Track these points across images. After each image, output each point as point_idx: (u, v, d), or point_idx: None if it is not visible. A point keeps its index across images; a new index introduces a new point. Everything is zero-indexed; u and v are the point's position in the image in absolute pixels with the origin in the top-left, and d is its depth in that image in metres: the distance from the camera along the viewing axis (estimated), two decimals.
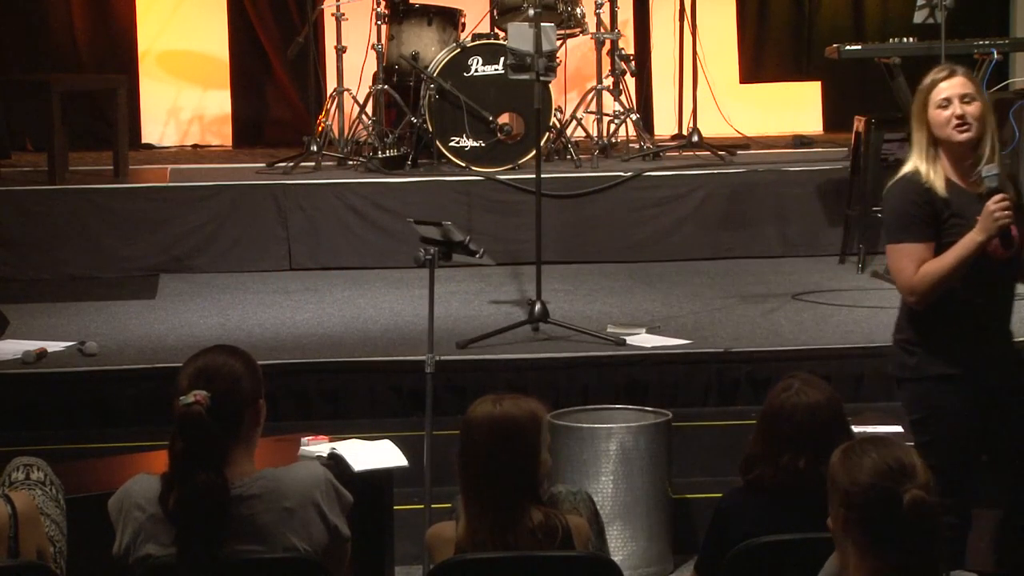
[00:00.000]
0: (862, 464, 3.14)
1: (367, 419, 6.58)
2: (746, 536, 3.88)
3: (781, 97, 11.62)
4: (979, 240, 4.67)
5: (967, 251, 4.68)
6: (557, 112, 9.66)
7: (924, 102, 4.79)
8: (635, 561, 6.04)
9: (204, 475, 3.54)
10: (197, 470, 3.55)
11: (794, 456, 4.08)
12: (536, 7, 7.31)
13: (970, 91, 4.76)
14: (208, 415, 3.56)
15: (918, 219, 4.76)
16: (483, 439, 3.90)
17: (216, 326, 7.52)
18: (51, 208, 8.83)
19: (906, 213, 4.78)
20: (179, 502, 3.55)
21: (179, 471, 3.58)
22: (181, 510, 3.55)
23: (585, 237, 9.06)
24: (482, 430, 3.91)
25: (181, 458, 3.57)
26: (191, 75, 11.29)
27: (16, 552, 3.77)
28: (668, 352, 6.87)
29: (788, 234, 9.17)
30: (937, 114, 4.76)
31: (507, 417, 3.92)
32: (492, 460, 3.88)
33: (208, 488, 3.54)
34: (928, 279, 4.73)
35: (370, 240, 8.96)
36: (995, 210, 4.65)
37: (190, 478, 3.55)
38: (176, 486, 3.57)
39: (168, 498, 3.58)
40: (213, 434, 3.56)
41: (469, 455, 3.92)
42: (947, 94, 4.75)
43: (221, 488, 3.56)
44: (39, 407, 6.59)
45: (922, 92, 4.81)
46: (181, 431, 3.57)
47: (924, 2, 8.12)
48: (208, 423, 3.56)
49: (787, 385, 4.18)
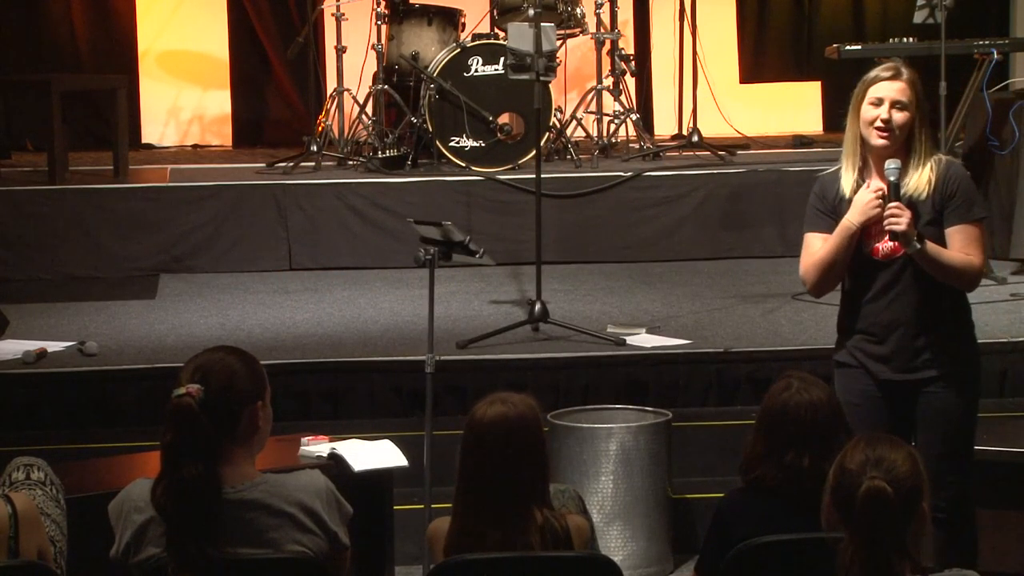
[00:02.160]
0: (854, 456, 3.29)
1: (367, 419, 6.59)
2: (748, 537, 3.87)
3: (781, 97, 11.63)
4: (850, 224, 4.72)
5: (840, 236, 4.75)
6: (557, 112, 9.66)
7: (861, 95, 4.76)
8: (635, 561, 6.04)
9: (191, 467, 3.53)
10: (184, 462, 3.54)
11: (797, 455, 4.08)
12: (536, 7, 7.31)
13: (906, 99, 4.71)
14: (199, 408, 3.55)
15: (818, 211, 4.88)
16: (497, 440, 3.87)
17: (216, 326, 7.52)
18: (51, 208, 8.83)
19: (810, 205, 4.93)
20: (166, 493, 3.54)
21: (167, 463, 3.57)
22: (169, 502, 3.54)
23: (585, 237, 9.06)
24: (497, 431, 3.88)
25: (169, 450, 3.57)
26: (191, 75, 11.30)
27: (17, 552, 3.77)
28: (668, 352, 6.87)
29: (788, 234, 9.14)
30: (866, 110, 4.74)
31: (521, 418, 3.91)
32: (506, 462, 3.86)
33: (195, 480, 3.52)
34: (811, 265, 4.85)
35: (370, 240, 8.96)
36: (869, 198, 4.68)
37: (177, 470, 3.54)
38: (164, 478, 3.57)
39: (157, 490, 3.57)
40: (203, 427, 3.55)
41: (479, 456, 3.89)
42: (882, 94, 4.72)
43: (209, 481, 3.54)
44: (39, 407, 6.59)
45: (863, 84, 4.78)
46: (171, 423, 3.57)
47: (924, 2, 8.12)
48: (197, 415, 3.54)
49: (786, 384, 4.18)
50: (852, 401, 4.78)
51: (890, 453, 3.28)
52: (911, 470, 3.27)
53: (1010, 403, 6.73)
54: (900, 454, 3.29)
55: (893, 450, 3.29)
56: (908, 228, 4.66)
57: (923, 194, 4.74)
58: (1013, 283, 8.18)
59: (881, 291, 4.78)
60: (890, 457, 3.27)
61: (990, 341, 6.86)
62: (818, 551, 3.50)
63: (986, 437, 5.54)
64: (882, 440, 3.33)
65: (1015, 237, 8.70)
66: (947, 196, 4.76)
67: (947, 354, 4.78)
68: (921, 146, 4.75)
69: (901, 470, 3.25)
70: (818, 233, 4.86)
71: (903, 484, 3.24)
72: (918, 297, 4.77)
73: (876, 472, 3.23)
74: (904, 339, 4.78)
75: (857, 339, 4.84)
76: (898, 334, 4.78)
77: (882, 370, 4.81)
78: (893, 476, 3.23)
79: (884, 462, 3.26)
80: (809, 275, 4.87)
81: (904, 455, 3.29)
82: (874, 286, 4.79)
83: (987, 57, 8.34)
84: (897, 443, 3.33)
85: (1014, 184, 8.69)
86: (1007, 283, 8.16)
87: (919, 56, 8.35)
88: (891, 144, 4.72)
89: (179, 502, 3.54)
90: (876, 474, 3.23)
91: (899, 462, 3.27)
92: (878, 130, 4.71)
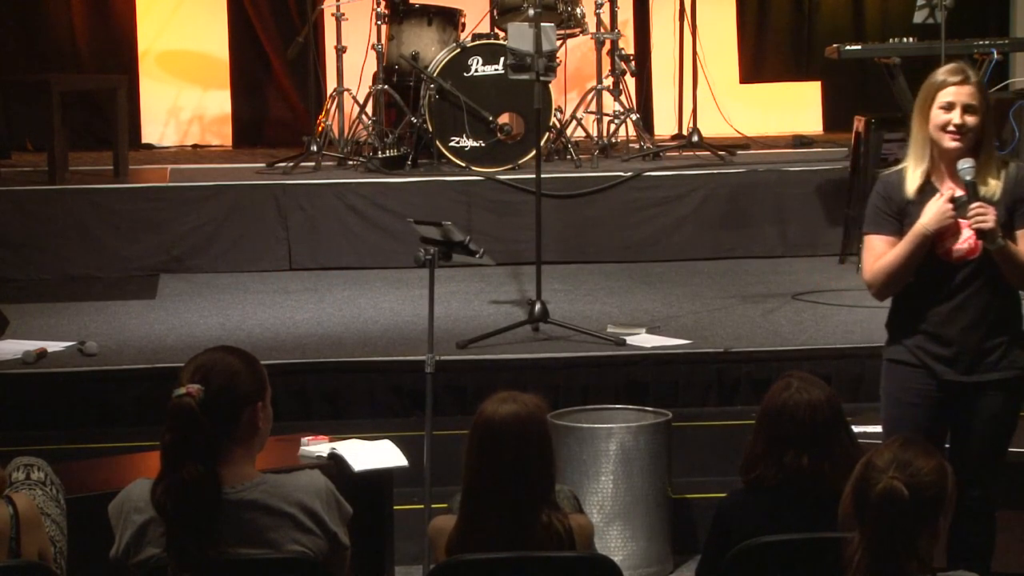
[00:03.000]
0: (884, 454, 3.32)
1: (367, 419, 6.58)
2: (748, 538, 3.87)
3: (781, 97, 11.63)
4: (925, 230, 4.71)
5: (914, 242, 4.72)
6: (557, 112, 9.66)
7: (929, 98, 4.77)
8: (635, 561, 6.04)
9: (190, 467, 3.52)
10: (183, 461, 3.54)
11: (797, 454, 4.07)
12: (536, 7, 7.31)
13: (975, 102, 4.73)
14: (199, 408, 3.55)
15: (883, 213, 4.83)
16: (509, 438, 3.87)
17: (216, 326, 7.52)
18: (51, 208, 8.83)
19: (874, 206, 4.87)
20: (165, 494, 3.54)
21: (167, 463, 3.57)
22: (167, 502, 3.54)
23: (585, 237, 9.06)
24: (509, 429, 3.88)
25: (169, 450, 3.57)
26: (191, 75, 11.29)
27: (18, 553, 3.77)
28: (668, 352, 6.87)
29: (788, 234, 9.17)
30: (936, 115, 4.76)
31: (532, 417, 3.91)
32: (516, 460, 3.86)
33: (194, 480, 3.52)
34: (879, 270, 4.80)
35: (370, 240, 8.96)
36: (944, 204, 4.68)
37: (177, 470, 3.54)
38: (164, 478, 3.57)
39: (157, 491, 3.57)
40: (202, 427, 3.55)
41: (490, 453, 3.89)
42: (952, 99, 4.73)
43: (208, 481, 3.54)
44: (39, 407, 6.59)
45: (930, 87, 4.78)
46: (170, 423, 3.57)
47: (924, 2, 8.12)
48: (197, 415, 3.54)
49: (786, 384, 4.18)
50: (908, 400, 4.82)
51: (920, 459, 3.30)
52: (936, 481, 3.29)
53: None
54: (930, 463, 3.31)
55: (924, 457, 3.31)
56: (995, 225, 4.68)
57: (995, 195, 4.76)
58: None
59: (951, 292, 4.78)
60: (918, 463, 3.29)
61: None
62: (818, 551, 3.51)
63: None
64: (917, 445, 3.36)
65: None
66: (1018, 199, 4.79)
67: (1008, 357, 4.82)
68: (990, 147, 4.79)
69: (925, 478, 3.27)
70: (883, 236, 4.82)
71: (923, 492, 3.26)
72: (988, 299, 4.79)
73: (899, 473, 3.25)
74: (972, 341, 4.79)
75: (919, 339, 4.82)
76: (967, 336, 4.79)
77: (946, 371, 4.81)
78: (915, 481, 3.26)
79: (911, 466, 3.28)
80: (877, 279, 4.82)
81: (934, 465, 3.31)
82: (943, 287, 4.78)
83: (987, 57, 8.35)
84: (931, 452, 3.36)
85: None
86: None
87: (919, 56, 8.36)
88: (963, 147, 4.73)
89: (179, 503, 3.54)
90: (898, 475, 3.25)
91: (926, 470, 3.29)
92: (951, 134, 4.72)
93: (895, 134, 8.66)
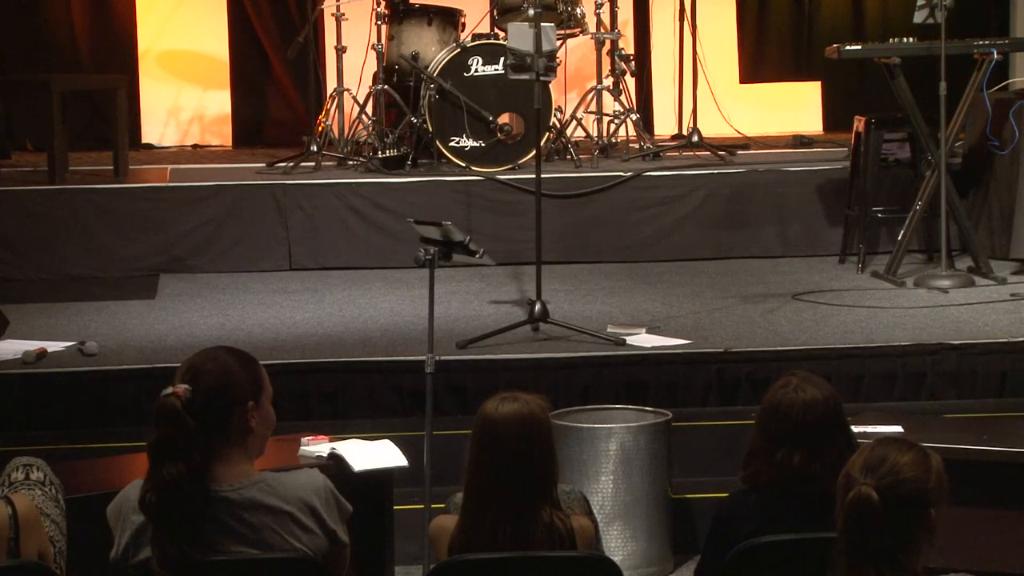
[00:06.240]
0: (856, 460, 3.26)
1: (367, 419, 6.58)
2: (747, 538, 3.87)
3: (781, 97, 11.63)
4: None
5: None
6: (557, 112, 9.66)
7: None
8: (635, 561, 6.04)
9: (172, 467, 3.51)
10: (165, 461, 3.53)
11: (788, 452, 4.05)
12: (536, 7, 7.30)
13: None
14: (186, 408, 3.54)
15: None
16: (513, 437, 3.88)
17: (216, 326, 7.52)
18: (51, 208, 8.83)
19: None
20: (148, 493, 3.54)
21: (151, 462, 3.56)
22: (151, 502, 3.53)
23: (585, 237, 9.06)
24: (513, 428, 3.89)
25: (153, 449, 3.56)
26: (191, 75, 11.30)
27: (17, 554, 3.76)
28: (668, 352, 6.87)
29: (788, 234, 9.17)
30: None
31: (535, 416, 3.91)
32: (520, 458, 3.87)
33: (174, 479, 3.50)
34: None
35: (370, 240, 8.96)
36: None
37: (158, 470, 3.53)
38: (148, 478, 3.56)
39: (144, 490, 3.56)
40: (185, 427, 3.53)
41: (493, 452, 3.89)
42: None
43: (190, 481, 3.52)
44: (39, 407, 6.59)
45: None
46: (156, 422, 3.56)
47: (924, 2, 8.11)
48: (181, 415, 3.53)
49: (786, 382, 4.17)
50: None
51: (896, 454, 3.22)
52: (917, 475, 3.21)
53: (1010, 403, 6.72)
54: (908, 456, 3.23)
55: (900, 452, 3.23)
56: None
57: None
58: (1013, 283, 8.18)
59: None
60: (893, 458, 3.22)
61: (990, 341, 6.87)
62: (818, 551, 3.50)
63: (986, 437, 5.54)
64: (891, 442, 3.28)
65: (1015, 237, 8.70)
66: None
67: None
68: None
69: (904, 473, 3.20)
70: None
71: (901, 488, 3.18)
72: None
73: (870, 477, 3.18)
74: None
75: None
76: None
77: None
78: (891, 480, 3.19)
79: (885, 463, 3.20)
80: None
81: (912, 458, 3.23)
82: None
83: (987, 57, 8.34)
84: (908, 445, 3.28)
85: (1014, 184, 8.69)
86: (1007, 283, 8.17)
87: (919, 56, 8.36)
88: None
89: (160, 502, 3.53)
90: (869, 480, 3.18)
91: (904, 464, 3.21)
92: None
93: (895, 134, 8.67)
